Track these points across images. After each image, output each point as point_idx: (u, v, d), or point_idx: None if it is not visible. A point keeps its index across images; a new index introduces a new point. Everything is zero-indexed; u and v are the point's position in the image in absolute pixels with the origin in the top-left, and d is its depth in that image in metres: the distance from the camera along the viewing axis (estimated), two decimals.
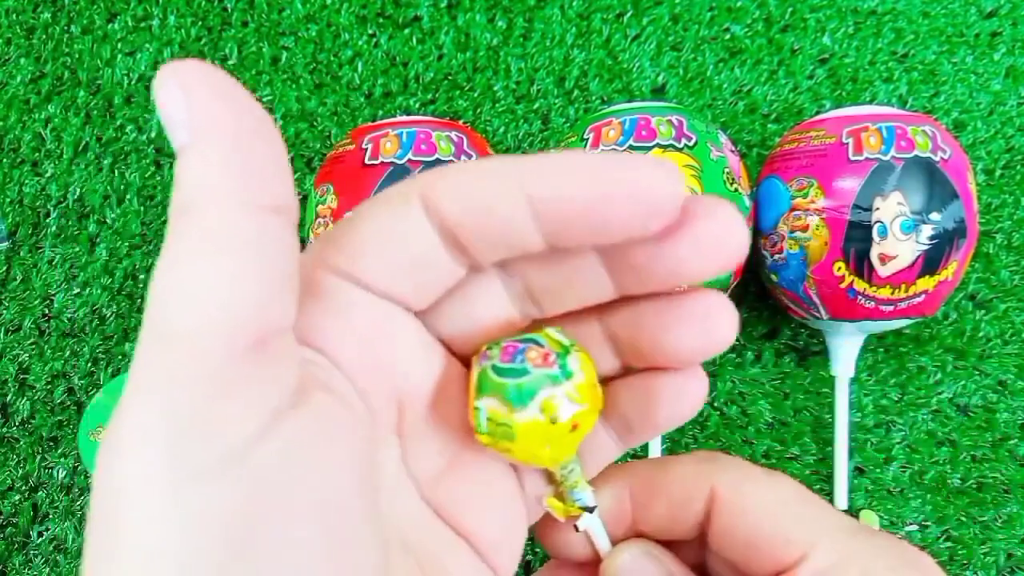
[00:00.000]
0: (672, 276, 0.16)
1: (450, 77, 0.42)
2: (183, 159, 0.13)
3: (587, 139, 0.33)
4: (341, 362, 0.16)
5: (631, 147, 0.32)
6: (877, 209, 0.31)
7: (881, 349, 0.39)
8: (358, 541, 0.14)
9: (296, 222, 0.14)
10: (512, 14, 0.43)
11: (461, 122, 0.41)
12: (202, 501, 0.12)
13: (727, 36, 0.42)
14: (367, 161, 0.32)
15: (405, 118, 0.34)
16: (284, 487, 0.13)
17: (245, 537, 0.12)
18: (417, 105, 0.42)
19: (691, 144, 0.32)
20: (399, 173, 0.32)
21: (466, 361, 0.19)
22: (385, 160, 0.32)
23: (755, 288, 0.39)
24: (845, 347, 0.35)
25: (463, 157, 0.32)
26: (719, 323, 0.17)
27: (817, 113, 0.37)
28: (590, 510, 0.19)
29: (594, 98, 0.42)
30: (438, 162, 0.32)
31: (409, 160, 0.32)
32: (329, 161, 0.34)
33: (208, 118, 0.12)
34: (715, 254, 0.15)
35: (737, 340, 0.39)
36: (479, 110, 0.42)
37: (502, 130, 0.41)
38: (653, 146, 0.32)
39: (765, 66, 0.42)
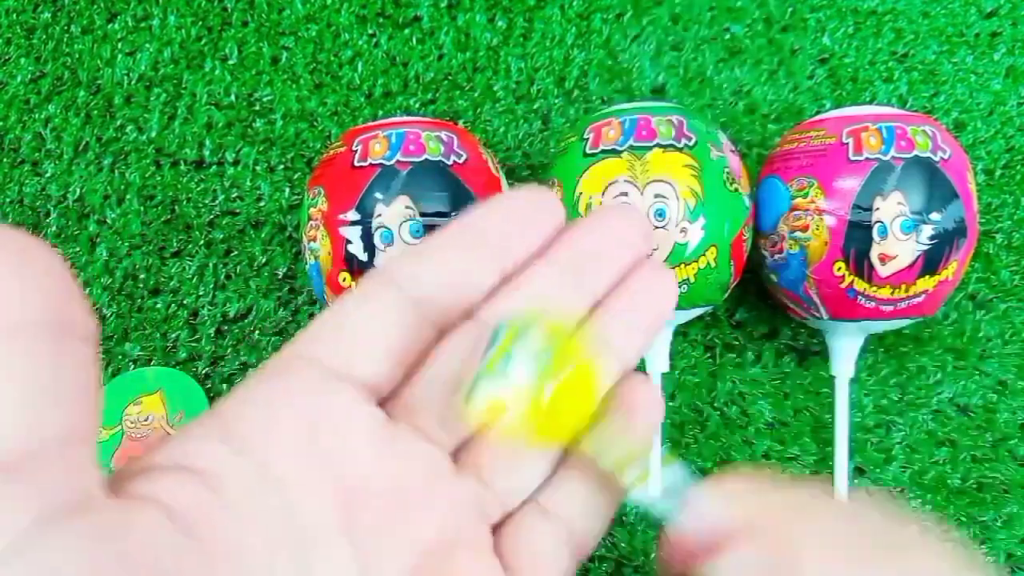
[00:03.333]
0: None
1: (450, 77, 0.42)
2: None
3: (587, 139, 0.33)
4: (269, 460, 0.16)
5: (631, 147, 0.32)
6: (877, 209, 0.31)
7: (881, 349, 0.39)
8: None
9: (77, 331, 0.14)
10: (512, 14, 0.43)
11: (461, 122, 0.42)
12: None
13: (727, 36, 0.42)
14: (356, 163, 0.32)
15: (396, 119, 0.34)
16: None
17: None
18: (417, 105, 0.42)
19: (691, 144, 0.32)
20: (387, 174, 0.31)
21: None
22: (374, 162, 0.32)
23: (755, 288, 0.39)
24: (845, 347, 0.35)
25: (452, 157, 0.32)
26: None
27: (817, 113, 0.37)
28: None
29: (594, 98, 0.42)
30: (427, 162, 0.32)
31: (397, 161, 0.32)
32: (321, 164, 0.34)
33: None
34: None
35: (737, 340, 0.39)
36: (479, 110, 0.42)
37: (502, 130, 0.41)
38: (653, 146, 0.32)
39: (765, 66, 0.42)
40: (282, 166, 0.41)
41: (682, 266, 0.32)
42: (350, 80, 0.42)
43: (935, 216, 0.31)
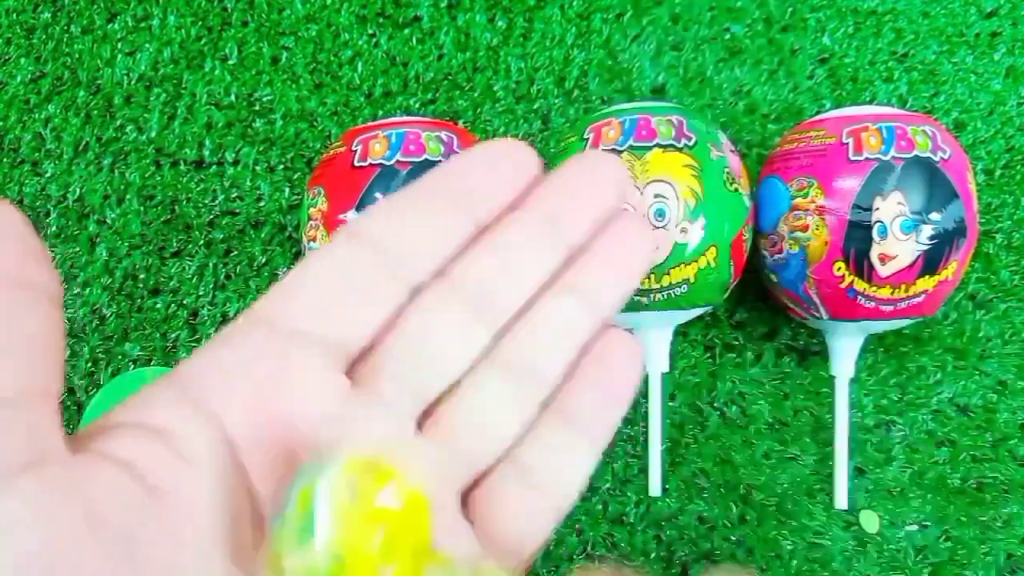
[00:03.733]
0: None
1: (450, 77, 0.42)
2: None
3: (587, 139, 0.33)
4: (225, 423, 0.16)
5: (631, 147, 0.32)
6: (877, 209, 0.31)
7: (881, 349, 0.39)
8: None
9: (38, 289, 0.14)
10: (512, 14, 0.43)
11: (461, 122, 0.42)
12: None
13: (727, 36, 0.42)
14: (356, 163, 0.32)
15: (397, 119, 0.34)
16: (19, 540, 0.12)
17: None
18: (417, 105, 0.42)
19: (691, 144, 0.32)
20: (387, 174, 0.32)
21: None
22: (374, 162, 0.32)
23: (755, 288, 0.39)
24: (845, 347, 0.35)
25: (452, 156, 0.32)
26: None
27: (817, 113, 0.37)
28: None
29: (594, 98, 0.42)
30: (427, 162, 0.32)
31: (397, 161, 0.32)
32: (321, 164, 0.34)
33: None
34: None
35: (737, 340, 0.39)
36: (479, 110, 0.42)
37: (502, 130, 0.41)
38: (653, 146, 0.32)
39: (765, 66, 0.42)
40: (282, 166, 0.41)
41: (682, 266, 0.32)
42: (350, 80, 0.42)
43: (935, 216, 0.31)
